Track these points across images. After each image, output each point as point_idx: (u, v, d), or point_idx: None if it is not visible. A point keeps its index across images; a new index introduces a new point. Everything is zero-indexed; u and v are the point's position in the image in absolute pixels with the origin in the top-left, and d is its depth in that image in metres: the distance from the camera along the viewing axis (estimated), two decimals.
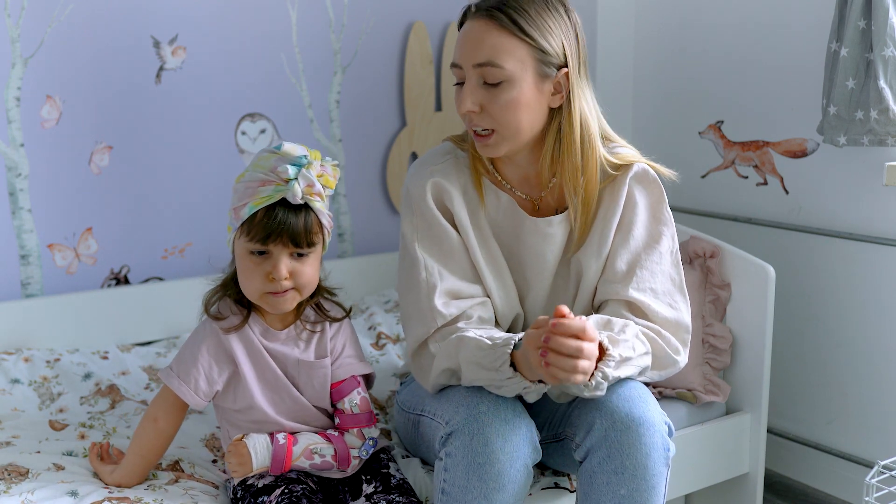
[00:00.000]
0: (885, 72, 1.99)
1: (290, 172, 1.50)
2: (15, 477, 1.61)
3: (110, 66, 2.26)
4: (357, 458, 1.62)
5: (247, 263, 1.55)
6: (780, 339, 2.33)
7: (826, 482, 2.32)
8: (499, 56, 1.53)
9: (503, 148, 1.59)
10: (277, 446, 1.56)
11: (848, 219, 2.22)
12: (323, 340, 1.64)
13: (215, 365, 1.59)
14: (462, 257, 1.65)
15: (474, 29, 1.56)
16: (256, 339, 1.61)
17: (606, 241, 1.64)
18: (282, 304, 1.57)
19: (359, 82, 2.62)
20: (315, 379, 1.62)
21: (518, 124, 1.56)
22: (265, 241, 1.51)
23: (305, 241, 1.53)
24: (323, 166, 1.55)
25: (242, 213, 1.53)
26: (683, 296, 1.66)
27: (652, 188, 1.67)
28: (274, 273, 1.52)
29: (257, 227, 1.51)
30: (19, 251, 2.21)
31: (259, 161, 1.54)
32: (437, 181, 1.65)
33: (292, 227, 1.51)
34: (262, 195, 1.51)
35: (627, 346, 1.50)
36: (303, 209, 1.52)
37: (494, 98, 1.55)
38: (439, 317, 1.60)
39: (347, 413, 1.62)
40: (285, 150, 1.53)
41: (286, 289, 1.54)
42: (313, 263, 1.57)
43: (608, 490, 1.47)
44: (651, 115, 2.70)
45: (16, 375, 2.01)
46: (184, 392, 1.58)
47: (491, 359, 1.47)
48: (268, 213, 1.51)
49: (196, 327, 1.64)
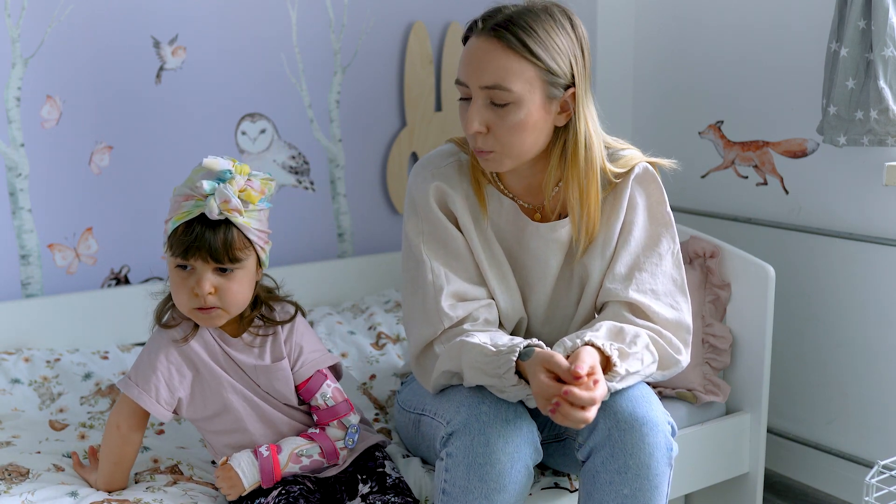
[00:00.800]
0: (885, 72, 1.99)
1: (206, 188, 1.50)
2: (15, 477, 1.61)
3: (110, 66, 2.26)
4: (344, 449, 1.62)
5: (174, 278, 1.55)
6: (780, 339, 2.33)
7: (826, 482, 2.32)
8: (506, 79, 1.50)
9: (506, 165, 1.58)
10: (262, 460, 1.56)
11: (848, 219, 2.22)
12: (277, 343, 1.63)
13: (175, 372, 1.58)
14: (467, 260, 1.65)
15: (481, 49, 1.52)
16: (215, 342, 1.60)
17: (610, 244, 1.64)
18: (209, 321, 1.56)
19: (359, 82, 2.62)
20: (276, 382, 1.61)
21: (522, 145, 1.55)
22: (185, 256, 1.51)
23: (227, 256, 1.52)
24: (250, 181, 1.53)
25: (167, 227, 1.54)
26: (685, 296, 1.65)
27: (652, 189, 1.67)
28: (197, 288, 1.52)
29: (177, 242, 1.52)
30: (19, 251, 2.21)
31: (190, 175, 1.55)
32: (439, 185, 1.65)
33: (209, 243, 1.50)
34: (183, 210, 1.52)
35: (636, 359, 1.50)
36: (223, 225, 1.52)
37: (501, 120, 1.53)
38: (446, 319, 1.59)
39: (323, 408, 1.62)
40: (207, 164, 1.53)
41: (211, 305, 1.53)
42: (241, 280, 1.55)
43: (611, 490, 1.48)
44: (651, 115, 2.70)
45: (16, 375, 2.01)
46: (145, 401, 1.56)
47: (495, 366, 1.47)
48: (186, 228, 1.51)
49: (151, 336, 1.63)
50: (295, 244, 2.56)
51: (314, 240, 2.60)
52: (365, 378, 2.10)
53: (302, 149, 2.56)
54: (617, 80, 2.71)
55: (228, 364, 1.61)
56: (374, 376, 2.11)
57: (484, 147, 1.55)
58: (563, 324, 1.71)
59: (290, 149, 2.54)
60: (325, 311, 2.41)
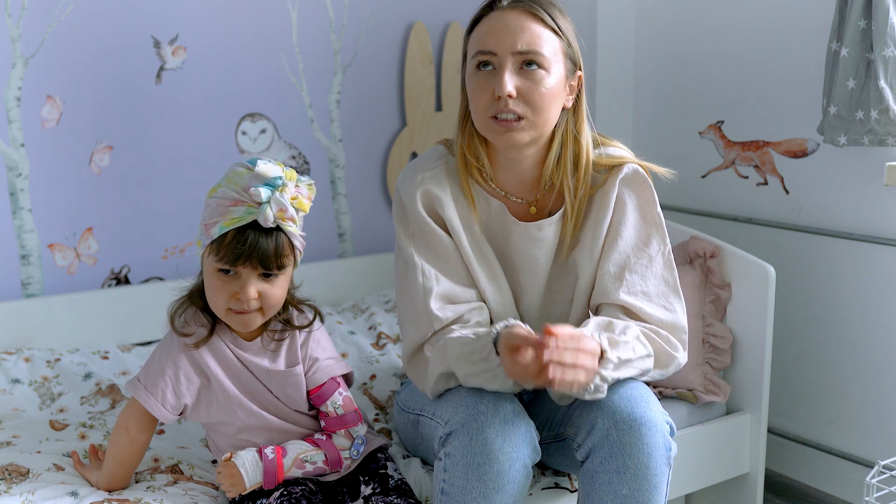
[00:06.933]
0: (885, 72, 1.99)
1: (262, 195, 1.46)
2: (16, 477, 1.61)
3: (110, 66, 2.26)
4: (349, 459, 1.61)
5: (214, 281, 1.52)
6: (780, 339, 2.33)
7: (826, 482, 2.32)
8: (540, 44, 1.55)
9: (527, 135, 1.58)
10: (267, 461, 1.55)
11: (848, 219, 2.22)
12: (293, 348, 1.61)
13: (183, 377, 1.57)
14: (457, 262, 1.65)
15: (513, 18, 1.57)
16: (227, 349, 1.59)
17: (598, 242, 1.65)
18: (245, 324, 1.55)
19: (359, 82, 2.62)
20: (288, 387, 1.60)
21: (548, 114, 1.58)
22: (234, 263, 1.49)
23: (275, 263, 1.50)
24: (298, 187, 1.51)
25: (212, 231, 1.49)
26: (678, 297, 1.65)
27: (641, 190, 1.67)
28: (241, 294, 1.50)
29: (227, 249, 1.48)
30: (20, 251, 2.21)
31: (232, 177, 1.50)
32: (427, 189, 1.65)
33: (262, 251, 1.48)
34: (234, 216, 1.48)
35: (627, 347, 1.50)
36: (274, 232, 1.50)
37: (535, 84, 1.55)
38: (435, 321, 1.60)
39: (332, 416, 1.61)
40: (260, 169, 1.48)
41: (252, 309, 1.52)
42: (282, 285, 1.55)
43: (610, 490, 1.48)
44: (651, 115, 2.70)
45: (16, 375, 2.01)
46: (151, 405, 1.56)
47: (476, 351, 1.48)
48: (238, 234, 1.48)
49: (164, 337, 1.61)
50: None
51: (314, 240, 2.60)
52: (365, 378, 2.10)
53: (302, 149, 2.56)
54: (617, 80, 2.71)
55: (240, 370, 1.59)
56: (374, 376, 2.11)
57: (516, 109, 1.55)
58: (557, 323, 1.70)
59: (291, 149, 2.54)
60: (325, 312, 2.41)
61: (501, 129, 1.56)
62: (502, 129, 1.56)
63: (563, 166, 1.63)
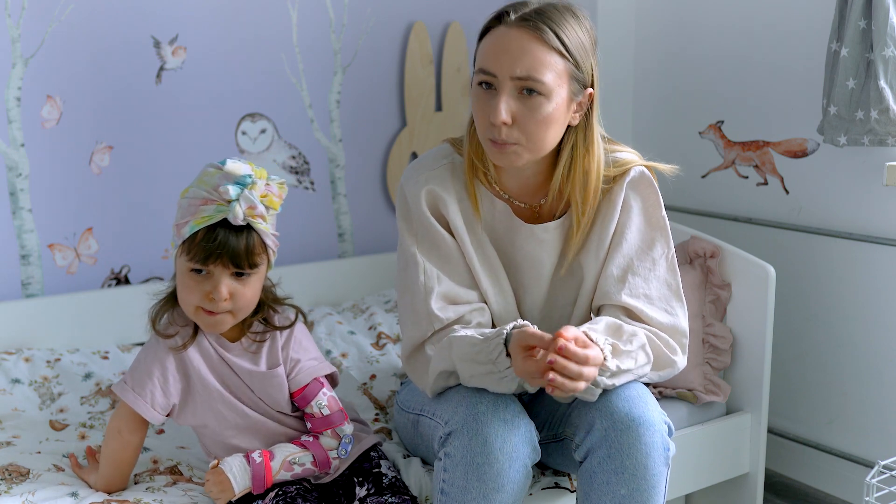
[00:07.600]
0: (885, 72, 1.99)
1: (231, 193, 1.47)
2: (16, 477, 1.61)
3: (110, 66, 2.26)
4: (337, 459, 1.61)
5: (187, 281, 1.53)
6: (780, 339, 2.33)
7: (826, 482, 2.32)
8: (540, 71, 1.50)
9: (523, 159, 1.57)
10: (255, 466, 1.54)
11: (848, 219, 2.22)
12: (274, 349, 1.61)
13: (171, 377, 1.58)
14: (459, 262, 1.65)
15: (515, 38, 1.51)
16: (213, 349, 1.59)
17: (604, 245, 1.64)
18: (214, 325, 1.55)
19: (359, 82, 2.62)
20: (270, 388, 1.60)
21: (545, 140, 1.55)
22: (205, 262, 1.49)
23: (247, 262, 1.51)
24: (268, 185, 1.52)
25: (184, 231, 1.50)
26: (680, 301, 1.65)
27: (647, 193, 1.66)
28: (214, 293, 1.50)
29: (197, 248, 1.49)
30: (20, 251, 2.21)
31: (203, 177, 1.51)
32: (431, 189, 1.64)
33: (233, 249, 1.49)
34: (204, 214, 1.49)
35: (629, 357, 1.50)
36: (245, 230, 1.50)
37: (530, 112, 1.52)
38: (436, 320, 1.59)
39: (318, 416, 1.61)
40: (229, 168, 1.49)
41: (223, 310, 1.52)
42: (254, 285, 1.55)
43: (608, 490, 1.48)
44: (651, 115, 2.70)
45: (16, 375, 2.01)
46: (140, 406, 1.56)
47: (485, 352, 1.47)
48: (208, 233, 1.49)
49: (149, 338, 1.62)
50: (295, 244, 2.56)
51: (314, 240, 2.60)
52: (365, 378, 2.10)
53: (302, 149, 2.56)
54: (617, 80, 2.71)
55: (225, 370, 1.60)
56: (375, 376, 2.11)
57: (508, 139, 1.53)
58: (559, 326, 1.70)
59: (291, 149, 2.54)
60: (325, 311, 2.41)
61: (497, 150, 1.56)
62: (497, 150, 1.56)
63: (573, 180, 1.61)
